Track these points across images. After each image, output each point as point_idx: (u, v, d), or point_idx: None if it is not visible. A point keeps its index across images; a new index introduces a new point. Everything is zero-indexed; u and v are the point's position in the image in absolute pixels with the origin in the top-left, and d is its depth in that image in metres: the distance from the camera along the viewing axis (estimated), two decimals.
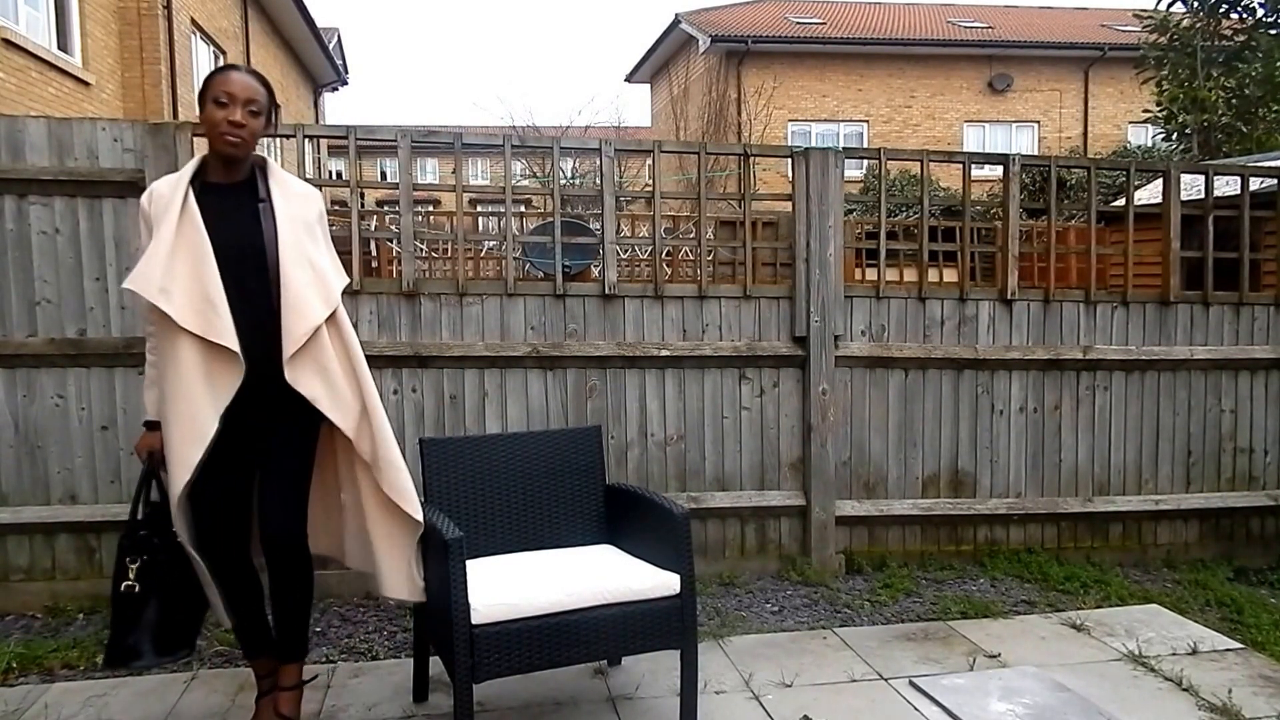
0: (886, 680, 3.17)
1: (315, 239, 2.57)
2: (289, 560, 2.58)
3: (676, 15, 22.58)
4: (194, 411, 2.38)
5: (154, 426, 2.53)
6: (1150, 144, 19.18)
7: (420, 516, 2.61)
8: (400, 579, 2.64)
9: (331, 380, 2.49)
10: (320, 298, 2.49)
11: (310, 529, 2.62)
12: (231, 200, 2.50)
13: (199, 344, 2.37)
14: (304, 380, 2.46)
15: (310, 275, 2.49)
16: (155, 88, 11.61)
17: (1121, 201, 6.29)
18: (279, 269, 2.46)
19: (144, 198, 2.49)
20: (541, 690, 3.03)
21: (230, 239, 2.44)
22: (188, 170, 2.50)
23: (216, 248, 2.41)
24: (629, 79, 27.47)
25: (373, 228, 11.11)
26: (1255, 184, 5.13)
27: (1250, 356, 4.69)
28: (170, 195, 2.44)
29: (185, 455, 2.39)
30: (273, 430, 2.53)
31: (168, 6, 11.77)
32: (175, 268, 2.37)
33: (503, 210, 4.39)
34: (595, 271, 8.41)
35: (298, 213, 2.55)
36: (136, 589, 2.48)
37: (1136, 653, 3.40)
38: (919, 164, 4.49)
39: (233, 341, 2.37)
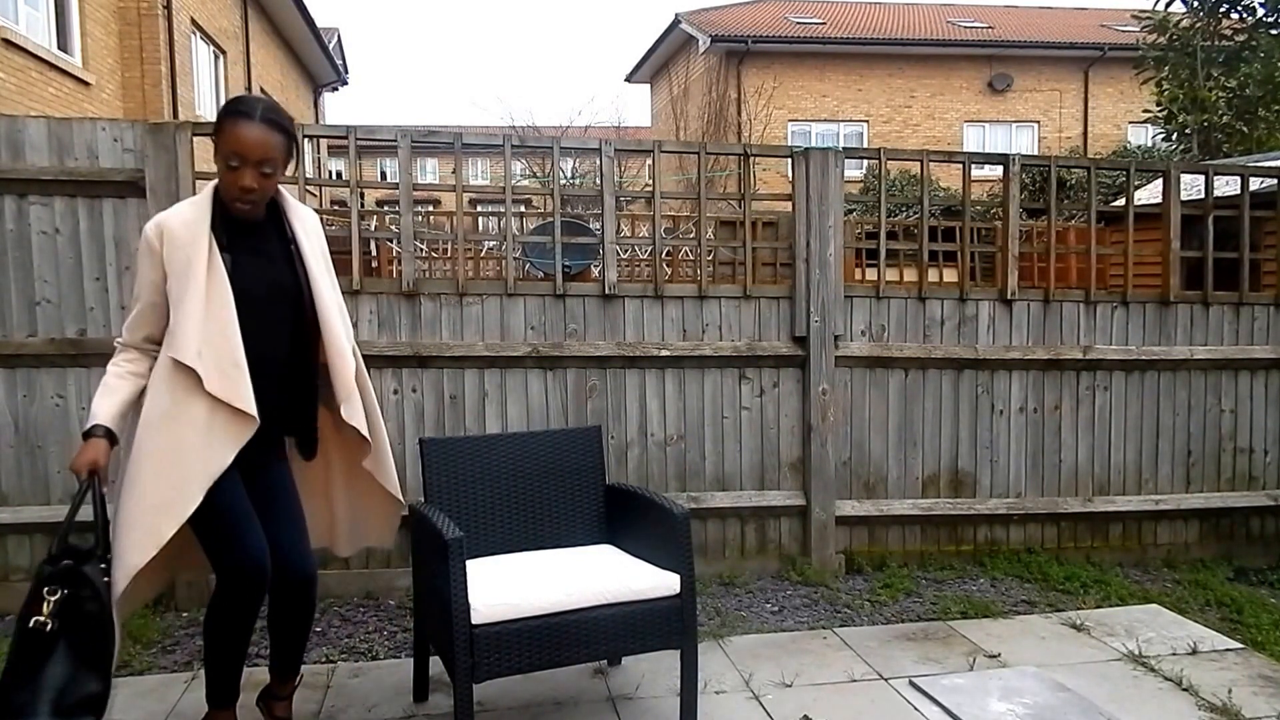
0: (886, 680, 3.17)
1: (331, 270, 2.54)
2: (305, 589, 2.56)
3: (676, 15, 22.58)
4: (182, 482, 2.23)
5: (96, 432, 2.26)
6: (1150, 144, 19.19)
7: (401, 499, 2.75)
8: (383, 526, 2.78)
9: (361, 405, 2.52)
10: (348, 335, 2.50)
11: None
12: (259, 240, 2.40)
13: (212, 405, 2.26)
14: (354, 415, 2.48)
15: (339, 316, 2.49)
16: (155, 88, 11.62)
17: (1121, 201, 6.29)
18: (317, 315, 2.42)
19: (152, 233, 2.29)
20: (541, 690, 3.03)
21: (263, 282, 2.36)
22: (205, 209, 2.32)
23: (246, 290, 2.31)
24: (629, 79, 27.47)
25: (373, 228, 11.12)
26: (1255, 184, 5.13)
27: (1250, 356, 4.69)
28: (190, 240, 2.27)
29: (157, 526, 2.22)
30: (273, 463, 2.52)
31: (168, 6, 11.77)
32: (208, 329, 2.26)
33: (503, 210, 4.39)
34: (595, 271, 8.41)
35: (317, 246, 2.50)
36: (49, 627, 2.10)
37: (1136, 653, 3.40)
38: (919, 164, 4.48)
39: (252, 406, 2.28)
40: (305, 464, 2.62)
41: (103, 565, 2.24)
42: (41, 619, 2.10)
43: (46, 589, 2.14)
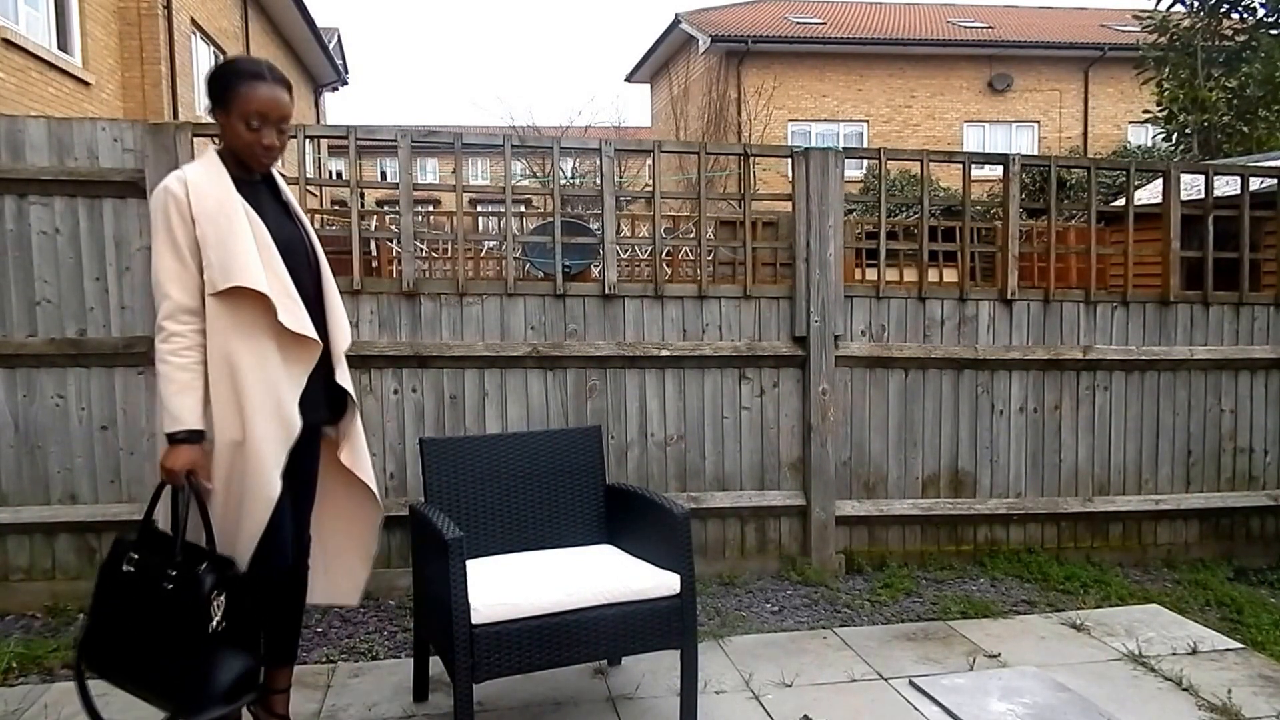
0: (886, 680, 3.17)
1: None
2: (304, 569, 2.61)
3: (676, 15, 22.58)
4: (283, 410, 2.33)
5: (190, 438, 2.23)
6: (1150, 144, 19.20)
7: (380, 499, 2.68)
8: (351, 584, 2.71)
9: (347, 373, 2.57)
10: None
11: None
12: (262, 197, 2.45)
13: (278, 339, 2.33)
14: (343, 378, 2.52)
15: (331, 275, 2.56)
16: (155, 88, 11.62)
17: (1121, 201, 6.29)
18: (319, 267, 2.51)
19: (177, 188, 2.28)
20: (541, 690, 3.03)
21: (280, 236, 2.40)
22: (218, 166, 2.37)
23: (273, 238, 2.38)
24: (629, 79, 27.47)
25: (373, 228, 11.11)
26: (1255, 184, 5.13)
27: (1250, 356, 4.69)
28: (219, 192, 2.32)
29: (278, 455, 2.32)
30: (309, 436, 2.49)
31: (168, 6, 11.77)
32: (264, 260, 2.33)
33: (503, 210, 4.39)
34: (595, 271, 8.40)
35: (300, 209, 2.60)
36: (223, 629, 2.21)
37: (1136, 653, 3.40)
38: (919, 164, 4.49)
39: (314, 331, 2.38)
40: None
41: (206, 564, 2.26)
42: (216, 623, 2.19)
43: (215, 593, 2.20)
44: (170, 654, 2.17)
